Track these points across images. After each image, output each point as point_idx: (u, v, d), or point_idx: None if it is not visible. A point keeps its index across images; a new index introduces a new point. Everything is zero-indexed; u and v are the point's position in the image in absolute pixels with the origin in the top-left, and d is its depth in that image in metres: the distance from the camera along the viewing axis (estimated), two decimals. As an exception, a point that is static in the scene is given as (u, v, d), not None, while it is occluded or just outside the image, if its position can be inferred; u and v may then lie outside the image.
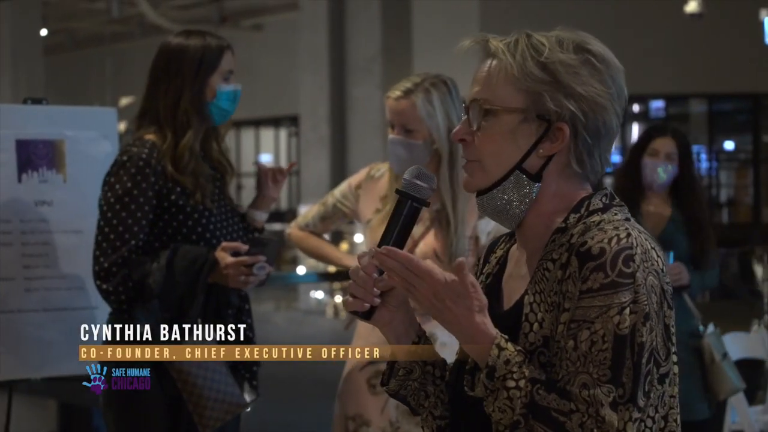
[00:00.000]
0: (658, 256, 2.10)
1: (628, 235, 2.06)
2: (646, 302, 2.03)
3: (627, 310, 2.02)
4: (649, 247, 2.09)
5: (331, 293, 16.61)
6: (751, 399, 6.64)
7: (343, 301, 2.30)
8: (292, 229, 4.62)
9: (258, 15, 25.86)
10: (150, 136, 3.85)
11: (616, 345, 2.01)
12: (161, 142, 3.83)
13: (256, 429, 4.26)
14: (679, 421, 2.16)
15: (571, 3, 17.77)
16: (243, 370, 3.96)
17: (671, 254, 5.44)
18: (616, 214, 2.16)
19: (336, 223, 4.56)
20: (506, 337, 2.07)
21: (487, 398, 2.06)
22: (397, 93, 4.07)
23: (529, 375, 2.03)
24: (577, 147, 2.16)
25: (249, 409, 3.90)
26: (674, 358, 2.12)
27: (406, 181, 2.19)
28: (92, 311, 4.35)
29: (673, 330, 2.11)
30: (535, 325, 2.11)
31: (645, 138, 5.72)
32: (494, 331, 2.07)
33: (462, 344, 2.12)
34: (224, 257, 3.76)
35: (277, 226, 20.16)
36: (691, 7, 14.65)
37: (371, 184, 4.36)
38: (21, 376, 4.35)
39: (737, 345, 6.31)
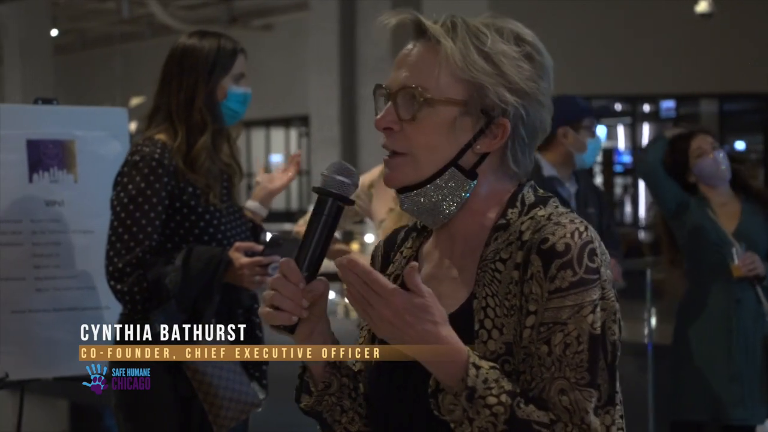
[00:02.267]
0: (601, 244, 1.96)
1: (586, 227, 1.93)
2: (612, 298, 1.92)
3: (598, 308, 1.88)
4: (599, 238, 1.96)
5: (341, 293, 16.61)
6: None
7: (262, 314, 1.96)
8: (299, 226, 4.59)
9: (268, 15, 25.87)
10: (160, 136, 3.85)
11: (592, 346, 1.87)
12: (172, 141, 3.83)
13: (263, 428, 4.27)
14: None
15: (580, 4, 17.76)
16: (252, 369, 3.96)
17: (743, 245, 5.39)
18: (557, 206, 2.01)
19: (347, 222, 4.53)
20: (476, 353, 1.89)
21: (464, 422, 1.86)
22: None
23: (507, 388, 1.86)
24: (514, 145, 2.01)
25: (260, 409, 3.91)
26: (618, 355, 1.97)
27: (326, 177, 2.00)
28: (103, 311, 4.36)
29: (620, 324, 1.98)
30: (494, 332, 1.92)
31: (680, 146, 5.62)
32: (462, 344, 1.88)
33: (427, 364, 1.89)
34: (238, 257, 3.76)
35: (287, 226, 20.17)
36: (702, 7, 14.64)
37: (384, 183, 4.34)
38: (32, 376, 4.35)
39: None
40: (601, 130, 5.35)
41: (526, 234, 1.94)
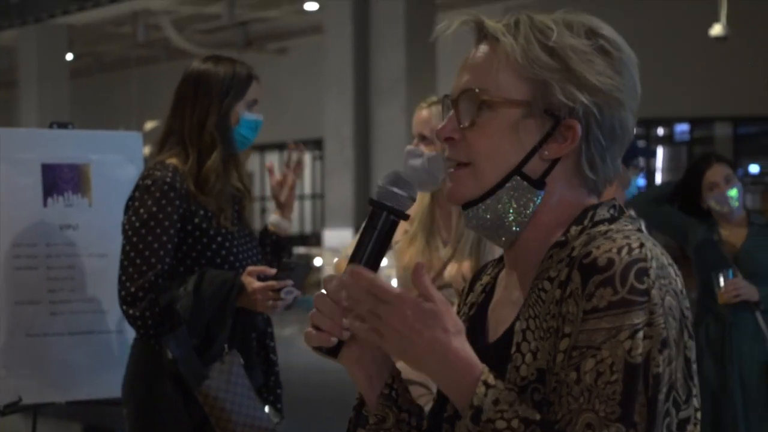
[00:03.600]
0: (676, 274, 1.71)
1: (641, 245, 1.68)
2: (663, 325, 1.64)
3: (640, 334, 1.63)
4: (666, 263, 1.70)
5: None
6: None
7: (304, 334, 1.85)
8: (340, 259, 4.58)
9: (282, 38, 25.95)
10: (171, 160, 3.86)
11: (627, 376, 1.62)
12: (183, 165, 3.83)
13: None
14: None
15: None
16: (267, 394, 3.96)
17: (730, 271, 5.35)
18: (627, 225, 1.78)
19: None
20: (494, 372, 1.69)
21: None
22: (423, 105, 4.13)
23: (522, 414, 1.64)
24: (590, 149, 1.78)
25: (274, 432, 3.90)
26: (696, 402, 1.72)
27: (381, 189, 1.84)
28: (118, 335, 4.37)
29: (695, 366, 1.72)
30: (528, 356, 1.72)
31: (695, 174, 5.63)
32: (477, 360, 1.69)
33: (437, 382, 1.72)
34: (251, 282, 3.76)
35: (302, 250, 20.19)
36: (716, 30, 14.62)
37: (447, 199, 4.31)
38: (46, 400, 4.36)
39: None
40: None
41: (576, 250, 1.73)
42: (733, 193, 5.49)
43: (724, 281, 5.29)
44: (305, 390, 10.46)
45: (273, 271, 3.78)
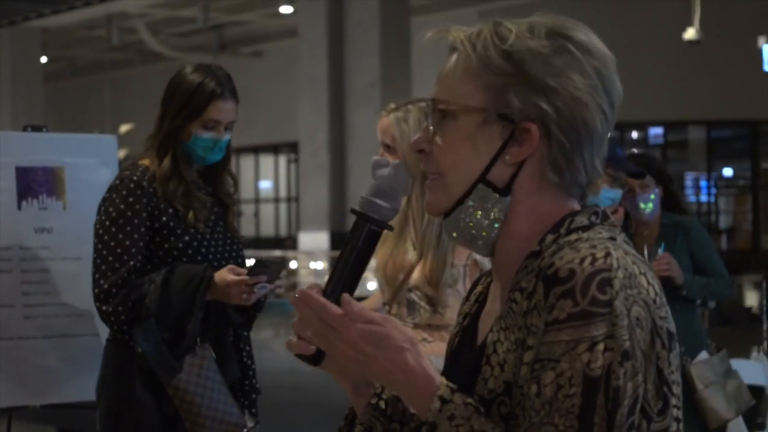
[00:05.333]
0: (649, 283, 1.67)
1: (607, 254, 1.63)
2: (626, 337, 1.60)
3: (600, 346, 1.59)
4: (637, 272, 1.66)
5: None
6: (751, 426, 6.64)
7: (286, 342, 1.81)
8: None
9: (257, 42, 25.95)
10: (144, 161, 3.88)
11: (586, 389, 1.58)
12: (153, 165, 3.85)
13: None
14: None
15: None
16: (243, 398, 3.96)
17: (662, 245, 5.41)
18: (600, 233, 1.73)
19: None
20: (452, 385, 1.67)
21: None
22: (384, 113, 4.08)
23: (478, 429, 1.63)
24: (552, 151, 1.74)
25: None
26: (676, 412, 1.67)
27: (364, 200, 1.81)
28: (92, 338, 4.35)
29: (672, 377, 1.66)
30: (496, 369, 1.71)
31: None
32: (435, 374, 1.67)
33: (402, 397, 1.70)
34: (224, 275, 3.78)
35: (277, 253, 20.18)
36: (690, 34, 14.69)
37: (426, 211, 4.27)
38: (20, 403, 4.34)
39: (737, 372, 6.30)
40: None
41: (545, 259, 1.69)
42: (644, 206, 5.53)
43: (653, 258, 5.35)
44: (280, 393, 10.45)
45: (244, 270, 3.80)
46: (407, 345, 1.66)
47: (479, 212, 1.77)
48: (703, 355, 5.37)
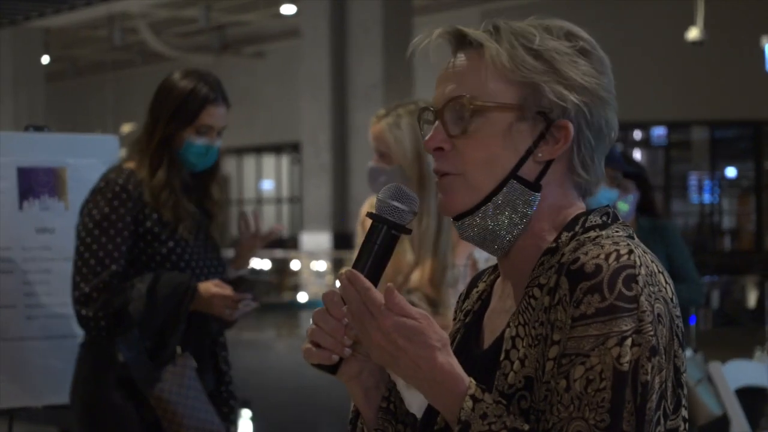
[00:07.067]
0: (666, 282, 1.71)
1: (630, 251, 1.68)
2: (652, 333, 1.63)
3: (629, 341, 1.62)
4: (656, 270, 1.70)
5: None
6: (755, 426, 6.63)
7: (303, 350, 1.79)
8: (342, 272, 4.55)
9: (259, 42, 25.95)
10: (129, 165, 3.86)
11: (616, 383, 1.61)
12: (140, 171, 3.82)
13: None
14: None
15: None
16: (221, 405, 3.93)
17: None
18: (617, 231, 1.77)
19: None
20: (482, 386, 1.69)
21: None
22: (374, 119, 4.05)
23: (510, 426, 1.65)
24: (580, 149, 1.79)
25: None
26: (684, 412, 1.72)
27: (381, 202, 1.79)
28: (93, 339, 4.34)
29: (684, 376, 1.72)
30: (516, 364, 1.72)
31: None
32: (463, 373, 1.68)
33: (426, 396, 1.71)
34: (209, 287, 3.76)
35: (279, 253, 20.17)
36: (693, 34, 14.67)
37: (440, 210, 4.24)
38: (22, 404, 4.34)
39: (739, 372, 6.29)
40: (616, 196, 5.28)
41: (566, 256, 1.72)
42: (622, 206, 5.48)
43: None
44: (282, 393, 10.44)
45: (229, 287, 3.78)
46: (439, 344, 1.67)
47: (507, 209, 1.78)
48: (688, 353, 5.37)
